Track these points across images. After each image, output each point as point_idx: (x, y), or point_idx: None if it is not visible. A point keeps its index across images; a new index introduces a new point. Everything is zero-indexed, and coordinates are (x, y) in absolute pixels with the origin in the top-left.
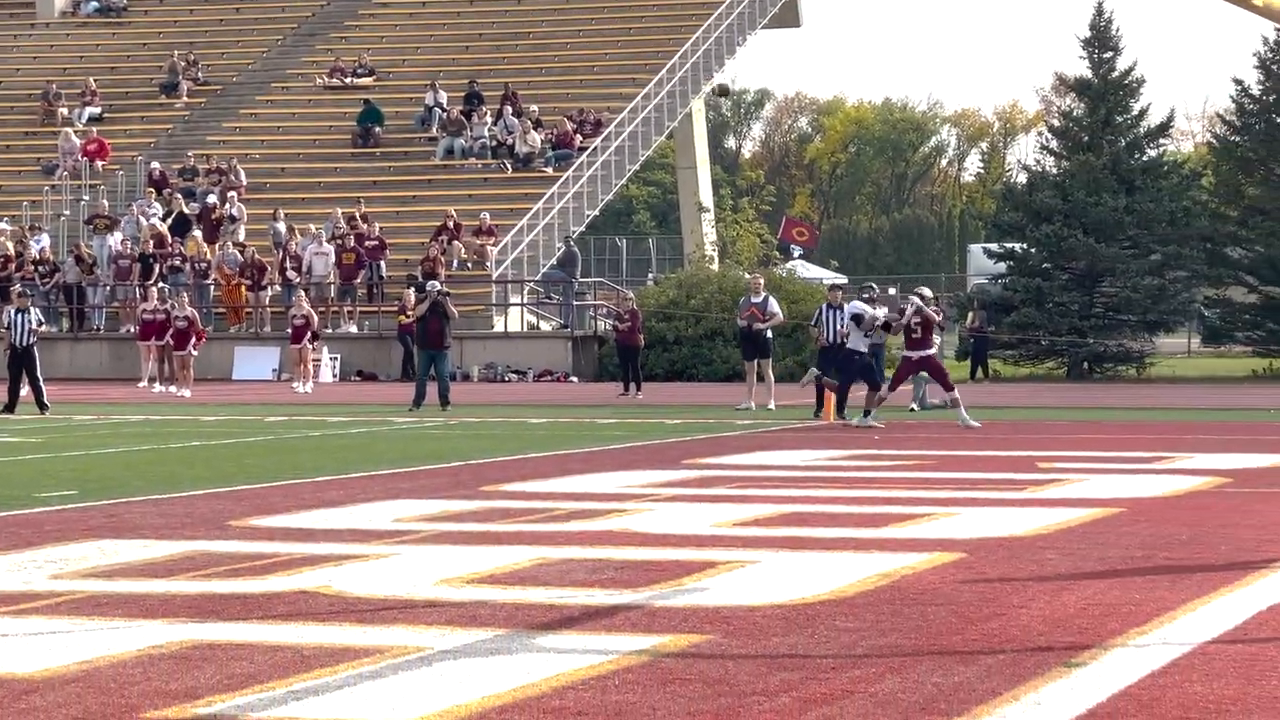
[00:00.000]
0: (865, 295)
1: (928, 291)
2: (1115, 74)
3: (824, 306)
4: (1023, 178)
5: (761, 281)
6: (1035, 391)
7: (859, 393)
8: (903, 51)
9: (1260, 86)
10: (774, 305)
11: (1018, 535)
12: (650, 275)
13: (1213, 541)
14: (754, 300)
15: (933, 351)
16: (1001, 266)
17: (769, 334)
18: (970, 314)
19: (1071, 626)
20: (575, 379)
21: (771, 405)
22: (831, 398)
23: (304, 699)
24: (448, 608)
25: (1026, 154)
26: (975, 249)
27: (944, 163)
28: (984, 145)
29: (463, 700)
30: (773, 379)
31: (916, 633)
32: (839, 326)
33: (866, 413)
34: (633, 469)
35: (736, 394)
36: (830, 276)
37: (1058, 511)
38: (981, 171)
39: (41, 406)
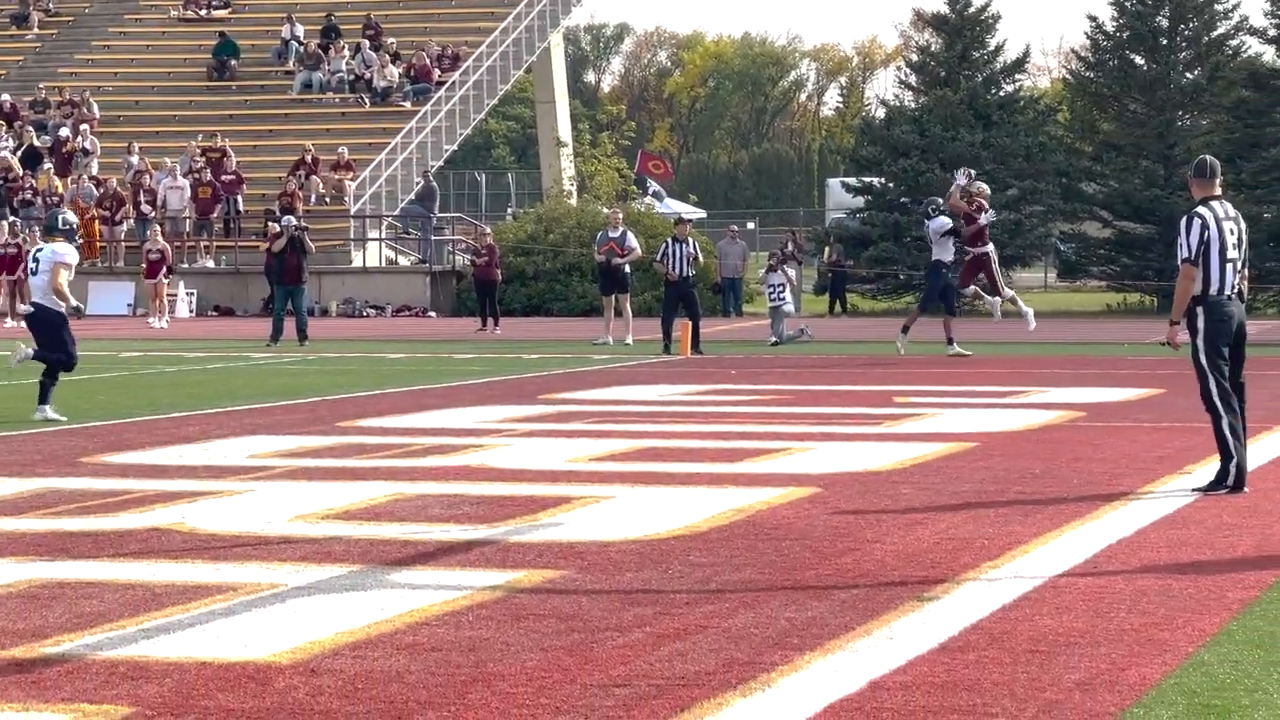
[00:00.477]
0: (930, 208)
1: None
2: (972, 10)
3: (670, 241)
4: (881, 113)
5: (620, 216)
6: (892, 326)
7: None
8: None
9: (1114, 23)
10: (632, 240)
11: (872, 470)
12: (509, 210)
13: (1065, 475)
14: (612, 235)
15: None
16: (860, 201)
17: (627, 269)
18: (828, 248)
19: (925, 561)
20: (433, 314)
21: (629, 340)
22: (688, 333)
23: (155, 637)
24: (302, 544)
25: (885, 89)
26: (834, 183)
27: (803, 97)
28: (843, 80)
29: (316, 636)
30: (630, 314)
31: (770, 567)
32: (685, 261)
33: (950, 341)
34: (490, 404)
35: (594, 329)
36: (689, 211)
37: (912, 446)
38: (840, 106)
39: None
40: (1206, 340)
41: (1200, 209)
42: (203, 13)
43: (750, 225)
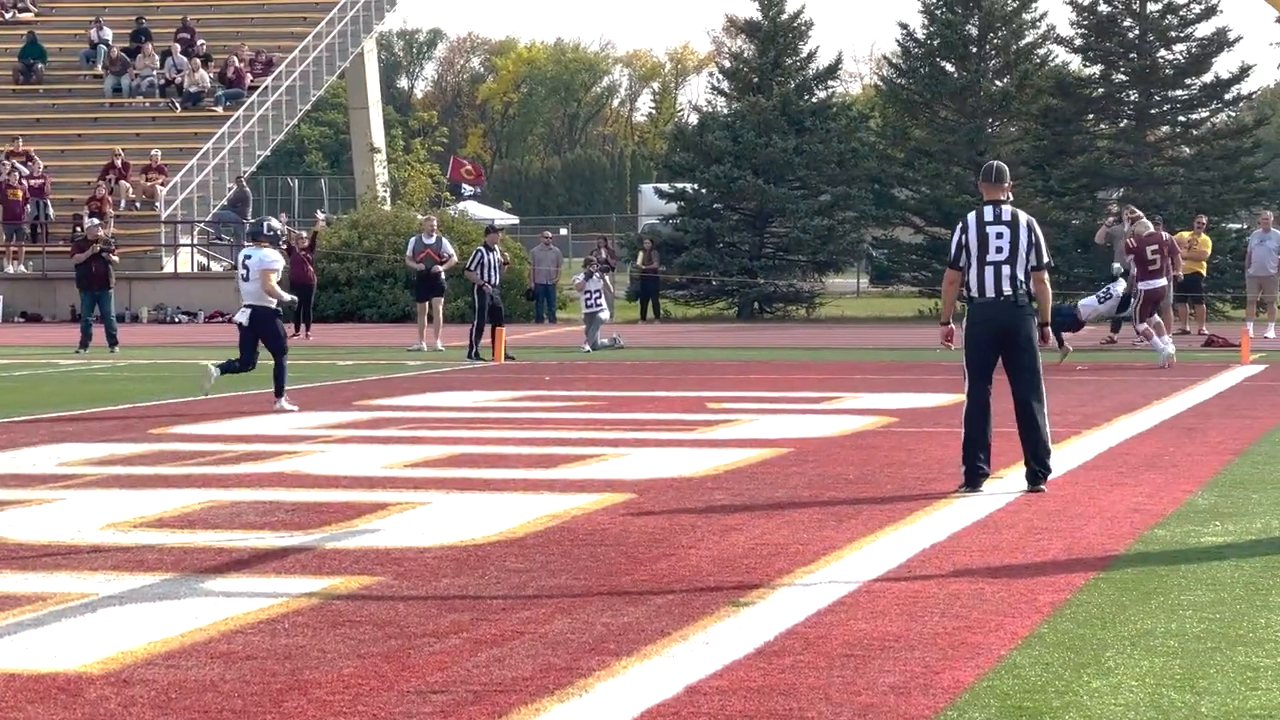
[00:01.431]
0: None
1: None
2: (784, 16)
3: (481, 249)
4: (694, 119)
5: (434, 223)
6: (705, 332)
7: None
8: None
9: (924, 30)
10: (448, 246)
11: (686, 476)
12: (322, 216)
13: (879, 480)
14: (428, 242)
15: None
16: (673, 207)
17: (443, 275)
18: (641, 254)
19: (740, 566)
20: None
21: (440, 346)
22: (501, 340)
23: None
24: (114, 552)
25: (698, 95)
26: (646, 189)
27: (616, 103)
28: (655, 86)
29: (128, 646)
30: (442, 320)
31: (586, 573)
32: (496, 269)
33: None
34: (305, 410)
35: (407, 335)
36: (503, 217)
37: (726, 452)
38: (653, 112)
39: None
40: (966, 343)
41: (969, 214)
42: (9, 15)
43: (564, 231)
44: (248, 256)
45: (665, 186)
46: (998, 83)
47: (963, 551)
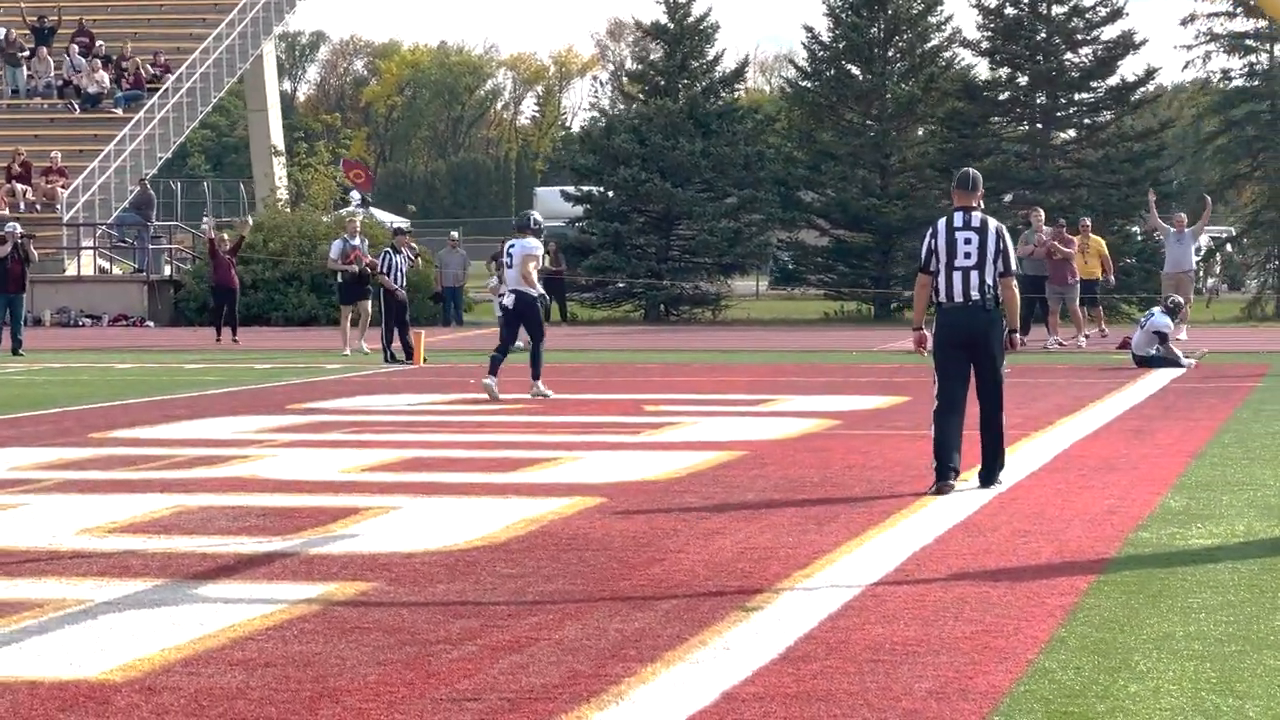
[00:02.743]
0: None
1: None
2: (691, 19)
3: (388, 250)
4: (579, 124)
5: (358, 223)
6: (615, 335)
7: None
8: None
9: (830, 34)
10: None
11: (651, 479)
12: (205, 220)
13: (844, 483)
14: (354, 243)
15: None
16: (577, 210)
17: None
18: (547, 257)
19: (734, 571)
20: (151, 324)
21: (365, 348)
22: (421, 343)
23: None
24: (96, 558)
25: (581, 98)
26: (542, 192)
27: (499, 106)
28: (539, 89)
29: (142, 653)
30: (367, 322)
31: (581, 578)
32: (403, 271)
33: None
34: (239, 414)
35: (315, 338)
36: (397, 220)
37: (682, 455)
38: (537, 115)
39: None
40: (935, 346)
41: (940, 220)
42: None
43: (455, 234)
44: (511, 245)
45: (571, 189)
46: (903, 86)
47: (954, 555)
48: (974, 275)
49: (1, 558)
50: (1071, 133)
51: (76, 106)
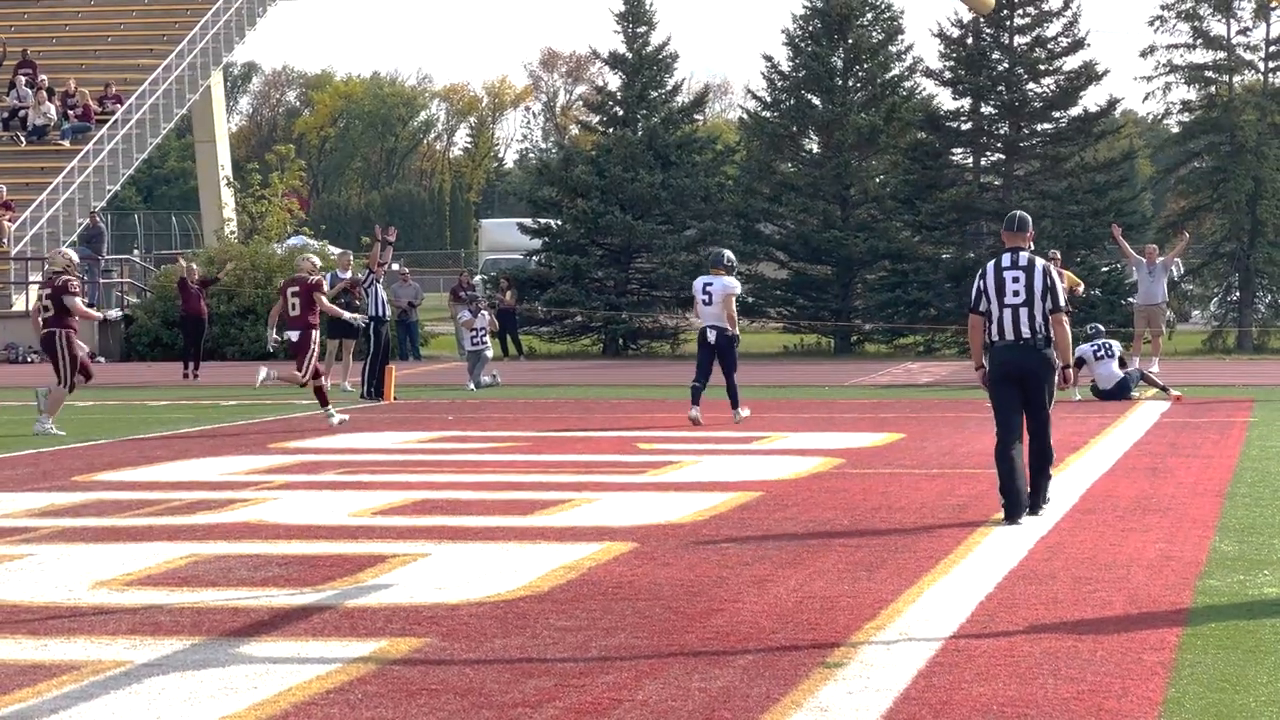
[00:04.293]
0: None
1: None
2: (650, 49)
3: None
4: (512, 157)
5: (350, 257)
6: (577, 369)
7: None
8: (392, 25)
9: (790, 64)
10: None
11: (674, 522)
12: (135, 251)
13: (875, 525)
14: (343, 275)
15: None
16: (526, 241)
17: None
18: (506, 291)
19: (800, 622)
20: (102, 359)
21: (347, 385)
22: (392, 378)
23: None
24: (121, 614)
25: (514, 129)
26: (488, 224)
27: (433, 137)
28: (473, 120)
29: None
30: (350, 359)
31: (642, 631)
32: (382, 303)
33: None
34: (222, 454)
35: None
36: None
37: (698, 496)
38: (470, 147)
39: None
40: (990, 384)
41: (989, 262)
42: None
43: (395, 266)
44: (709, 284)
45: (528, 221)
46: (864, 116)
47: (1023, 605)
48: (1023, 313)
49: (20, 614)
50: (1035, 163)
51: (23, 139)
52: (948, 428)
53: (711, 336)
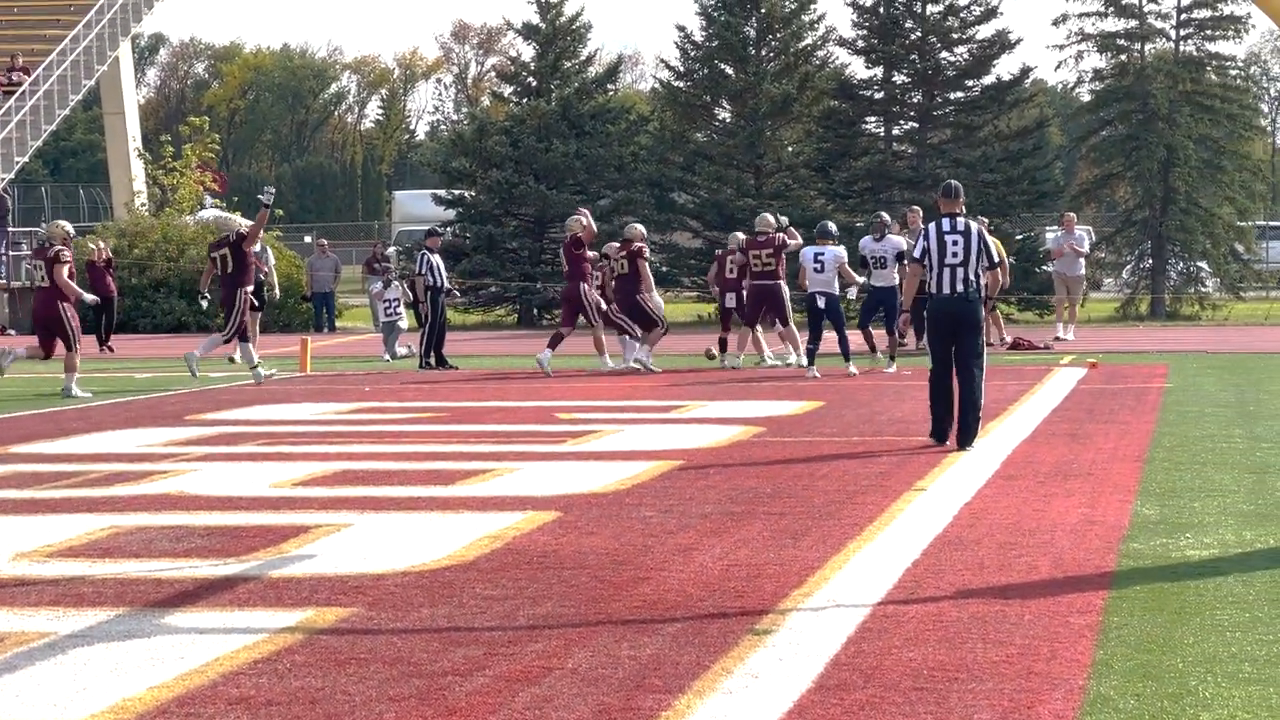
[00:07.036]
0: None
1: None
2: (563, 19)
3: (425, 251)
4: (424, 129)
5: (325, 243)
6: (493, 340)
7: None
8: None
9: (703, 33)
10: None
11: (597, 491)
12: (43, 224)
13: (798, 493)
14: (255, 250)
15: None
16: (440, 212)
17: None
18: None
19: (727, 590)
20: (12, 332)
21: (235, 358)
22: (307, 351)
23: None
24: (43, 586)
25: (426, 101)
26: (401, 196)
27: (343, 109)
28: (384, 92)
29: (129, 693)
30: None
31: (569, 600)
32: (441, 270)
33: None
34: (139, 426)
35: (188, 345)
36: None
37: (619, 466)
38: (381, 119)
39: None
40: (928, 331)
41: (930, 224)
42: None
43: (307, 239)
44: (820, 253)
45: (443, 193)
46: (778, 85)
47: (950, 571)
48: (960, 271)
49: None
50: (948, 132)
51: None
52: (866, 395)
53: (821, 302)
